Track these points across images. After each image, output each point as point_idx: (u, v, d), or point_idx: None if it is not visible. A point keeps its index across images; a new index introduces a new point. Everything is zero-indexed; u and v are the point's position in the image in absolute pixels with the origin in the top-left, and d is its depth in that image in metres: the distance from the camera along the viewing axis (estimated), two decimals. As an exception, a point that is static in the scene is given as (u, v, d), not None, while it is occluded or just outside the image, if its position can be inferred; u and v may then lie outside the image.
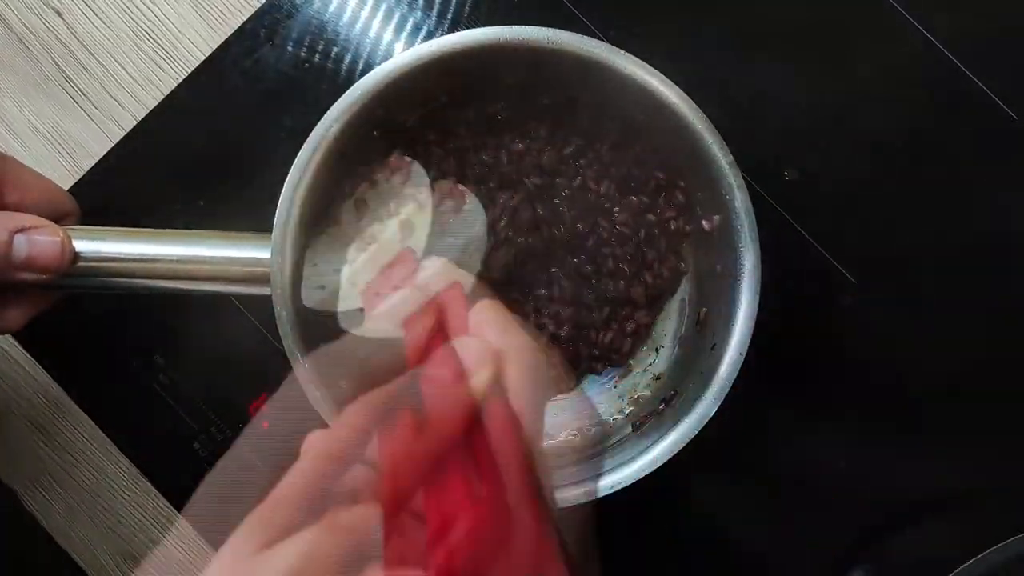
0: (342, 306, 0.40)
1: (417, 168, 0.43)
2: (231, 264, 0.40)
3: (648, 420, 0.43)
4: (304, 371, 0.38)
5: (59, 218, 0.41)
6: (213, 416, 0.47)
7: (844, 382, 0.48)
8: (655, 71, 0.39)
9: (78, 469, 0.48)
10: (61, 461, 0.49)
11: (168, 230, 0.40)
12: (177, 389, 0.48)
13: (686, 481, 0.47)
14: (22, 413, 0.49)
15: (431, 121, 0.43)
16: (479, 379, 0.27)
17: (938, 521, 0.48)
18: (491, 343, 0.29)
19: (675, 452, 0.38)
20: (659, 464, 0.38)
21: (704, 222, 0.42)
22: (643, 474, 0.38)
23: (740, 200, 0.39)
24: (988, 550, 0.40)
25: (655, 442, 0.38)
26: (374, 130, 0.41)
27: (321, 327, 0.41)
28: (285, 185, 0.38)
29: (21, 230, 0.38)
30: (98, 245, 0.39)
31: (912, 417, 0.48)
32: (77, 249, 0.39)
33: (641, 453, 0.38)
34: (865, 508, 0.48)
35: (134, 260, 0.39)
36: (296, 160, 0.39)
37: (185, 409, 0.47)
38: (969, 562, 0.41)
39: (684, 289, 0.46)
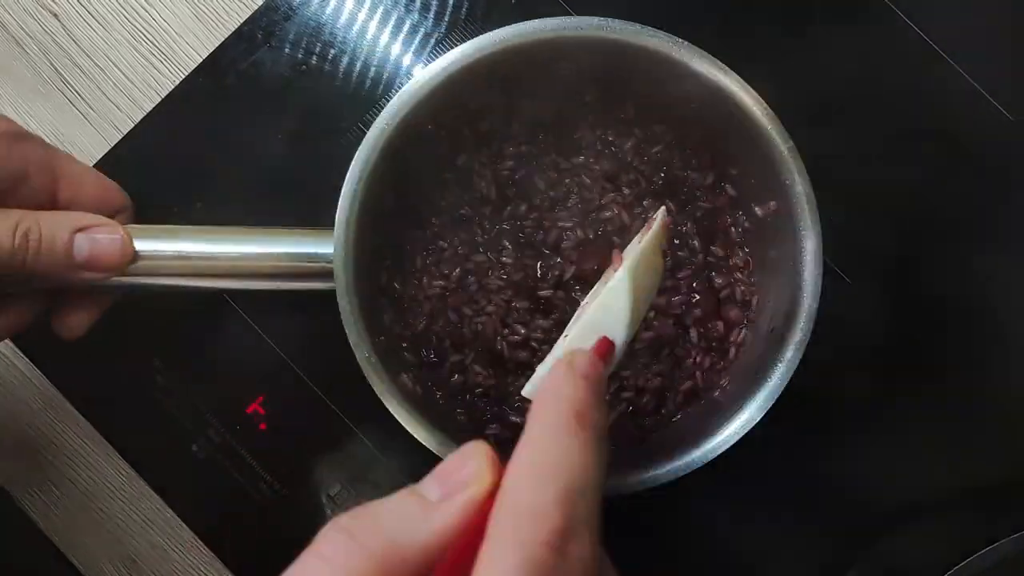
0: None
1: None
2: (292, 260, 0.40)
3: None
4: (369, 365, 0.38)
5: (113, 213, 0.41)
6: (211, 419, 0.47)
7: (835, 385, 0.48)
8: (715, 59, 0.39)
9: (76, 472, 0.48)
10: (59, 464, 0.48)
11: (227, 227, 0.40)
12: (175, 392, 0.47)
13: (679, 488, 0.47)
14: (20, 417, 0.49)
15: (478, 117, 0.44)
16: None
17: (928, 525, 0.48)
18: None
19: (737, 439, 0.38)
20: (722, 450, 0.38)
21: (758, 208, 0.42)
22: (706, 461, 0.38)
23: (801, 184, 0.39)
24: (975, 554, 0.40)
25: (715, 429, 0.39)
26: (429, 124, 0.41)
27: (382, 323, 0.42)
28: (346, 180, 0.39)
29: (81, 229, 0.37)
30: (157, 243, 0.39)
31: (905, 419, 0.48)
32: (137, 248, 0.39)
33: (699, 441, 0.39)
34: (856, 513, 0.48)
35: (195, 258, 0.39)
36: (356, 155, 0.39)
37: (182, 412, 0.47)
38: (958, 565, 0.41)
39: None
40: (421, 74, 0.39)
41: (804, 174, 0.39)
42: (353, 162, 0.39)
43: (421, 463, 0.31)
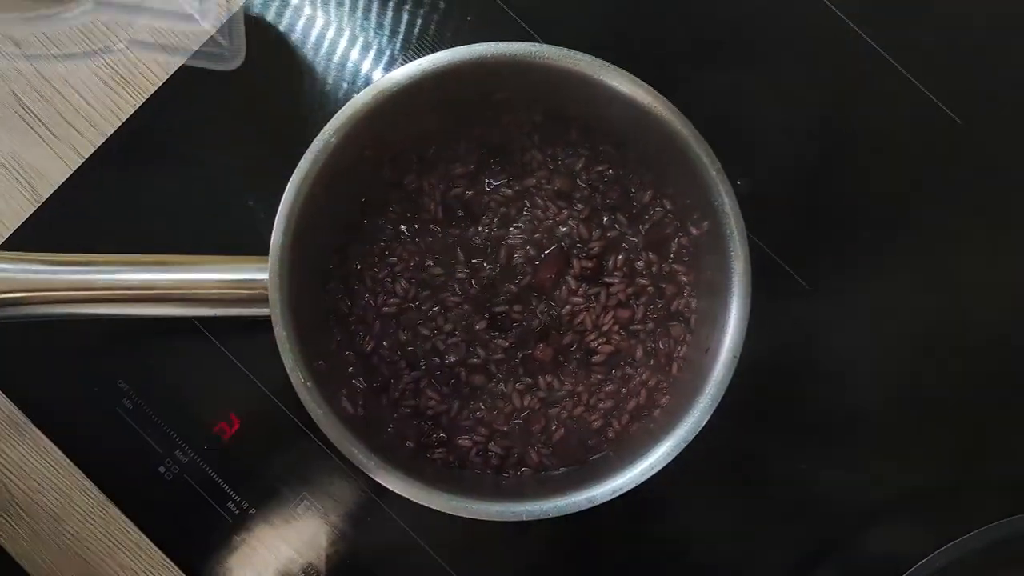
0: None
1: None
2: (229, 287, 0.41)
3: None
4: (306, 390, 0.39)
5: None
6: (178, 439, 0.48)
7: (800, 386, 0.49)
8: (642, 82, 0.40)
9: (44, 496, 0.49)
10: (27, 488, 0.49)
11: (164, 255, 0.41)
12: (141, 413, 0.48)
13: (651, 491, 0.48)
14: (-14, 441, 0.49)
15: (423, 141, 0.44)
16: None
17: (899, 521, 0.49)
18: None
19: (678, 452, 0.39)
20: (662, 465, 0.39)
21: (693, 228, 0.43)
22: (647, 476, 0.39)
23: (729, 205, 0.40)
24: (938, 549, 0.41)
25: (655, 445, 0.39)
26: (365, 149, 0.42)
27: (321, 347, 0.42)
28: (280, 206, 0.39)
29: None
30: (89, 275, 0.40)
31: (868, 419, 0.49)
32: (69, 280, 0.39)
33: (641, 457, 0.39)
34: (827, 511, 0.49)
35: (130, 286, 0.40)
36: (291, 181, 0.39)
37: (150, 433, 0.48)
38: (922, 561, 0.42)
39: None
40: (357, 98, 0.39)
41: (732, 196, 0.40)
42: (288, 187, 0.39)
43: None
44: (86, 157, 0.49)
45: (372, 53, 0.50)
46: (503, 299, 0.44)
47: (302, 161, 0.39)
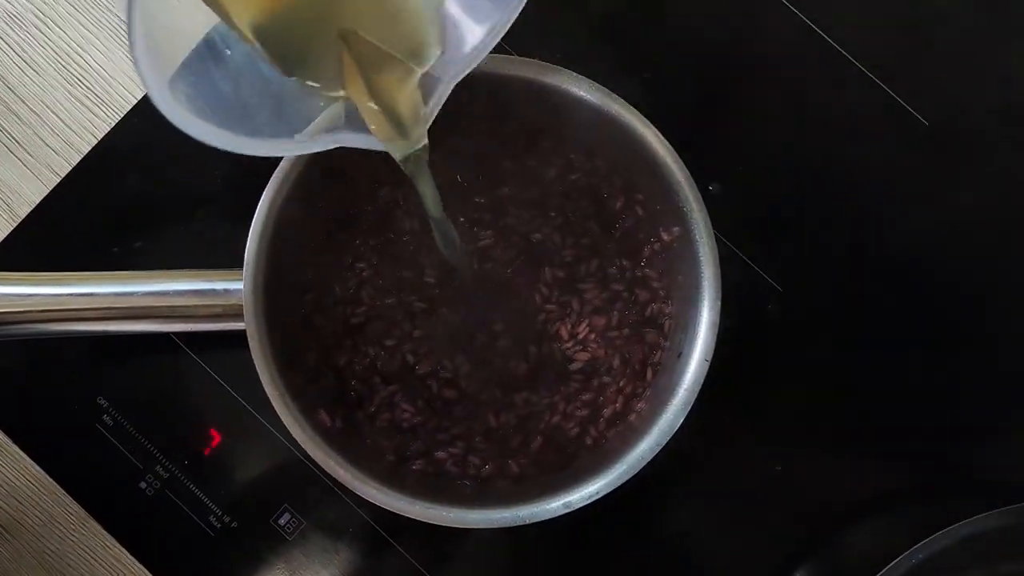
0: None
1: None
2: (203, 300, 0.41)
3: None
4: (282, 402, 0.39)
5: None
6: (158, 455, 0.48)
7: (776, 386, 0.50)
8: (608, 91, 0.41)
9: (25, 514, 0.49)
10: (8, 507, 0.49)
11: (136, 271, 0.42)
12: (122, 430, 0.48)
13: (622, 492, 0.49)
14: (-34, 461, 0.49)
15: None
16: None
17: (875, 519, 0.49)
18: None
19: (652, 456, 0.39)
20: (637, 470, 0.39)
21: (664, 234, 0.44)
22: (622, 481, 0.39)
23: (697, 209, 0.41)
24: (910, 548, 0.42)
25: (628, 450, 0.40)
26: (340, 163, 0.42)
27: (298, 359, 0.43)
28: (254, 220, 0.40)
29: None
30: (62, 290, 0.40)
31: (843, 418, 0.50)
32: (41, 298, 0.39)
33: (615, 462, 0.40)
34: (803, 510, 0.49)
35: (104, 303, 0.40)
36: (263, 195, 0.40)
37: (130, 449, 0.48)
38: (894, 561, 0.42)
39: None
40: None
41: (700, 200, 0.41)
42: (261, 201, 0.40)
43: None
44: (63, 176, 0.49)
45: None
46: (476, 311, 0.45)
47: (275, 174, 0.40)
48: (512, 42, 0.50)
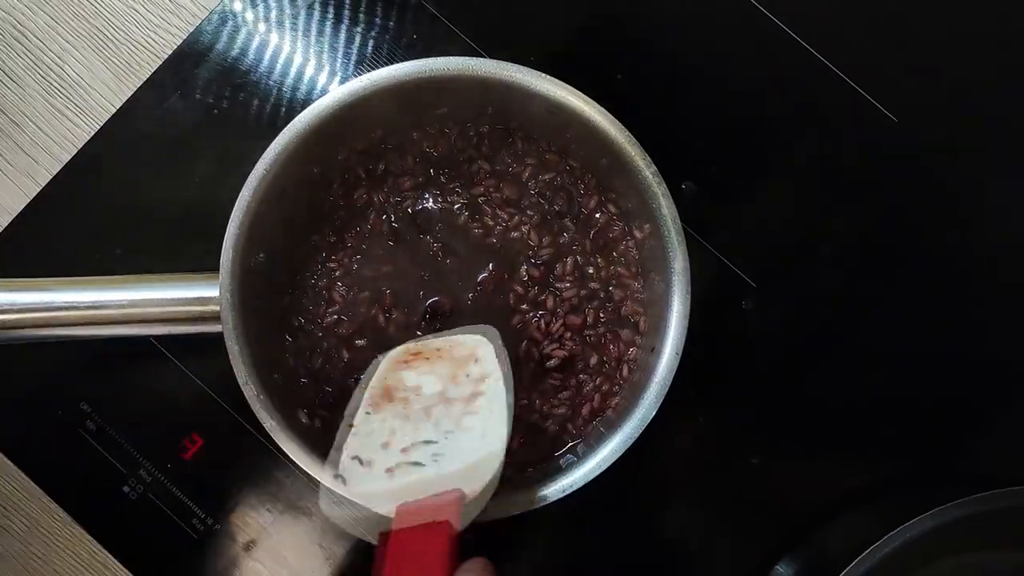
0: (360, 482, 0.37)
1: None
2: (181, 304, 0.41)
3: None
4: (259, 403, 0.40)
5: None
6: (141, 459, 0.48)
7: (752, 382, 0.50)
8: (576, 90, 0.41)
9: (10, 519, 0.49)
10: (-7, 513, 0.49)
11: (114, 276, 0.42)
12: (105, 434, 0.48)
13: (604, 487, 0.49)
14: (-49, 468, 0.49)
15: (370, 157, 0.45)
16: None
17: (852, 511, 0.50)
18: None
19: (623, 452, 0.40)
20: (610, 463, 0.40)
21: (636, 231, 0.45)
22: (595, 474, 0.40)
23: (666, 207, 0.41)
24: (884, 537, 0.42)
25: (602, 444, 0.41)
26: (313, 166, 0.42)
27: (276, 361, 0.43)
28: (229, 224, 0.40)
29: None
30: (42, 295, 0.41)
31: (820, 412, 0.50)
32: (23, 299, 0.40)
33: (589, 455, 0.40)
34: (781, 501, 0.49)
35: (83, 308, 0.41)
36: (239, 199, 0.40)
37: (113, 454, 0.48)
38: (867, 551, 0.43)
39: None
40: (300, 116, 0.41)
41: (669, 197, 0.41)
42: (236, 205, 0.40)
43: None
44: (43, 185, 0.50)
45: (325, 73, 0.51)
46: (453, 311, 0.45)
47: (249, 178, 0.40)
48: (484, 44, 0.51)
